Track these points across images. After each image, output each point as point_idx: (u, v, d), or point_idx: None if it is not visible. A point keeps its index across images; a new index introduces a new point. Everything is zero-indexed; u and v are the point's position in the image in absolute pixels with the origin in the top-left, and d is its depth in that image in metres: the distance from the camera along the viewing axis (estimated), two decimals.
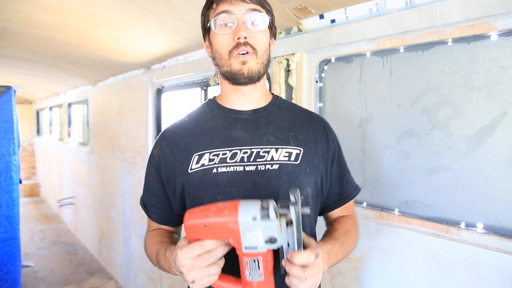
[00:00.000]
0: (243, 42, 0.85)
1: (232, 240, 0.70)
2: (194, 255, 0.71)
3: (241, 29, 0.85)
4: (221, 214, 0.69)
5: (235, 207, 0.69)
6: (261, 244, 0.69)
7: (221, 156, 0.88)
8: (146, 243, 0.98)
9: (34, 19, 2.20)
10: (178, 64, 2.52)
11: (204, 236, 0.71)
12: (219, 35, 0.87)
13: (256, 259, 0.71)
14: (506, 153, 1.08)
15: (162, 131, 0.99)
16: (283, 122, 0.95)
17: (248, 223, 0.68)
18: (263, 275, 0.72)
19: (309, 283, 0.71)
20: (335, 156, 0.98)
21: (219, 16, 0.86)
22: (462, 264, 1.13)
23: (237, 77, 0.88)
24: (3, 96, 2.67)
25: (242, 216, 0.68)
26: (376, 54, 1.40)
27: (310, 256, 0.70)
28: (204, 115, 0.98)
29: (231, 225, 0.68)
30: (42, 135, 7.82)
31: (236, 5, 0.85)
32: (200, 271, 0.71)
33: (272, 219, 0.67)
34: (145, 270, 3.03)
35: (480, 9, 1.04)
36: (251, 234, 0.68)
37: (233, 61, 0.87)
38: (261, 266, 0.72)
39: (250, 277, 0.73)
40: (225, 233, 0.70)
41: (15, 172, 2.72)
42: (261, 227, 0.68)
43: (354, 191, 1.02)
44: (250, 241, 0.69)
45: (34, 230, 5.46)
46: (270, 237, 0.68)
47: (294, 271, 0.69)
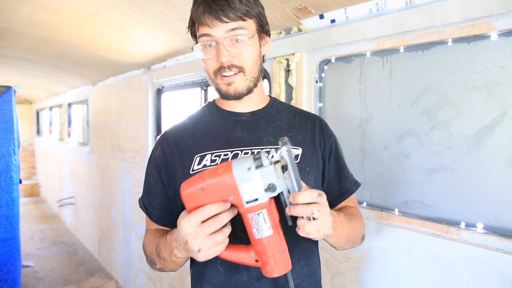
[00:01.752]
0: (226, 66, 0.85)
1: (232, 197, 0.68)
2: (198, 222, 0.69)
3: (222, 54, 0.84)
4: (216, 174, 0.68)
5: (228, 164, 0.68)
6: (261, 193, 0.68)
7: (222, 157, 0.89)
8: (145, 243, 0.97)
9: (34, 19, 2.20)
10: (178, 64, 2.52)
11: (204, 201, 0.69)
12: (204, 58, 0.88)
13: (260, 212, 0.69)
14: (506, 153, 1.08)
15: (163, 133, 1.00)
16: (281, 123, 0.97)
17: (244, 175, 0.67)
18: (271, 229, 0.70)
19: (317, 224, 0.69)
20: (331, 152, 0.99)
21: (200, 39, 0.86)
22: (462, 264, 1.13)
23: (226, 96, 0.90)
24: (3, 96, 2.67)
25: (237, 169, 0.67)
26: (376, 54, 1.40)
27: (313, 193, 0.68)
28: (205, 117, 1.00)
29: (227, 181, 0.67)
30: (42, 135, 7.82)
31: (214, 28, 0.83)
32: (205, 239, 0.69)
33: (266, 165, 0.67)
34: (145, 270, 3.03)
35: (480, 9, 1.04)
36: (249, 185, 0.67)
37: (219, 82, 0.89)
38: (267, 219, 0.70)
39: (259, 234, 0.71)
40: (224, 191, 0.68)
41: (15, 172, 2.72)
42: (258, 175, 0.67)
43: (353, 186, 1.01)
44: (249, 193, 0.68)
45: (34, 230, 5.46)
46: (268, 184, 0.67)
47: (299, 209, 0.68)
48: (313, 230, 0.69)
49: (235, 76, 0.87)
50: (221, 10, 0.81)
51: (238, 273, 0.86)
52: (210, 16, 0.82)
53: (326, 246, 1.51)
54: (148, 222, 1.01)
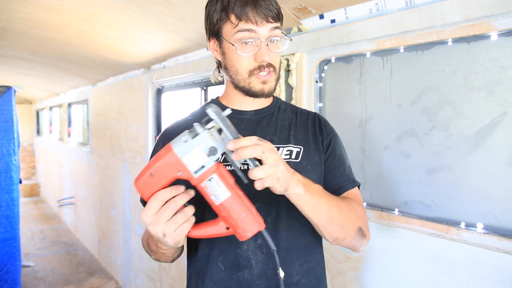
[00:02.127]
0: (265, 65, 0.85)
1: (180, 173, 0.69)
2: (155, 210, 0.69)
3: (265, 53, 0.84)
4: (158, 157, 0.70)
5: (167, 145, 0.70)
6: (205, 159, 0.68)
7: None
8: (143, 238, 0.99)
9: (34, 19, 2.20)
10: (178, 64, 2.52)
11: (156, 187, 0.71)
12: (239, 54, 0.85)
13: (211, 177, 0.70)
14: (506, 153, 1.08)
15: (165, 129, 1.00)
16: (284, 122, 0.97)
17: (183, 148, 0.68)
18: (227, 190, 0.70)
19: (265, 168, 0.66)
20: (329, 147, 0.98)
21: (241, 34, 0.83)
22: (462, 264, 1.13)
23: (257, 95, 0.89)
24: (3, 96, 2.67)
25: (175, 145, 0.69)
26: (376, 54, 1.40)
27: (251, 137, 0.67)
28: (207, 114, 0.99)
29: (170, 159, 0.69)
30: (42, 135, 7.82)
31: (260, 25, 0.82)
32: (166, 224, 0.70)
33: (200, 132, 0.68)
34: (145, 270, 3.03)
35: (480, 9, 1.04)
36: (191, 155, 0.68)
37: (253, 80, 0.87)
38: (220, 183, 0.70)
39: (218, 200, 0.71)
40: (170, 170, 0.69)
41: (15, 172, 2.72)
42: (196, 144, 0.68)
43: (349, 184, 0.97)
44: (194, 163, 0.69)
45: (34, 230, 5.46)
46: (208, 148, 0.68)
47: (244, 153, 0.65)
48: (263, 175, 0.67)
49: (270, 75, 0.87)
50: (268, 10, 0.82)
51: (239, 271, 0.86)
52: (258, 13, 0.81)
53: (326, 246, 1.51)
54: None
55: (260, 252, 0.86)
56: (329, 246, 1.51)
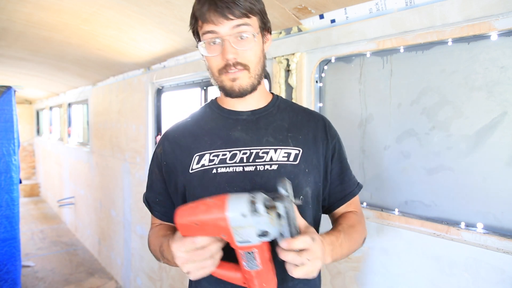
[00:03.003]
0: (232, 63, 0.84)
1: (224, 236, 0.70)
2: (187, 250, 0.71)
3: (228, 51, 0.83)
4: (210, 212, 0.68)
5: (222, 204, 0.67)
6: (254, 238, 0.68)
7: (221, 156, 0.89)
8: (150, 239, 1.00)
9: (34, 19, 2.19)
10: (178, 64, 2.52)
11: (197, 233, 0.71)
12: (208, 56, 0.87)
13: (251, 251, 0.71)
14: (506, 153, 1.08)
15: (165, 131, 1.01)
16: (283, 122, 0.96)
17: (237, 220, 0.66)
18: (260, 264, 0.72)
19: (306, 269, 0.70)
20: (335, 152, 0.98)
21: (205, 36, 0.85)
22: (462, 264, 1.13)
23: (230, 93, 0.89)
24: (3, 96, 2.67)
25: (231, 213, 0.66)
26: (376, 54, 1.40)
27: (306, 239, 0.68)
28: (205, 116, 1.00)
29: (221, 223, 0.67)
30: (42, 135, 7.82)
31: (219, 25, 0.82)
32: (194, 264, 0.72)
33: (261, 215, 0.66)
34: (145, 270, 3.03)
35: (480, 9, 1.04)
36: (242, 230, 0.67)
37: (223, 78, 0.88)
38: (257, 257, 0.71)
39: (248, 267, 0.73)
40: (216, 230, 0.69)
41: (15, 172, 2.72)
42: (252, 222, 0.66)
43: (356, 188, 1.01)
44: (242, 236, 0.68)
45: (34, 230, 5.46)
46: (262, 231, 0.67)
47: (289, 257, 0.69)
48: (301, 275, 0.70)
49: (240, 72, 0.86)
50: (227, 8, 0.81)
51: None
52: (215, 13, 0.81)
53: None
54: (152, 217, 1.05)
55: None
56: None
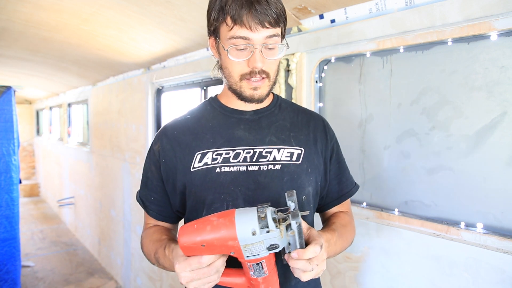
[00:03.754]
0: (258, 71, 0.83)
1: (233, 253, 0.70)
2: (193, 269, 0.71)
3: (258, 60, 0.81)
4: (218, 232, 0.66)
5: (231, 223, 0.66)
6: (263, 251, 0.69)
7: (224, 155, 0.89)
8: (143, 241, 0.97)
9: (34, 19, 2.19)
10: (178, 64, 2.52)
11: (202, 253, 0.69)
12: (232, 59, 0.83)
13: (259, 262, 0.71)
14: (506, 153, 1.08)
15: (163, 127, 0.98)
16: (284, 122, 0.96)
17: (248, 239, 0.66)
18: (267, 271, 0.73)
19: (314, 273, 0.71)
20: (333, 153, 0.99)
21: (235, 40, 0.80)
22: (462, 264, 1.13)
23: (247, 100, 0.88)
24: (3, 96, 2.67)
25: (241, 232, 0.65)
26: (376, 54, 1.40)
27: (316, 248, 0.69)
28: (206, 113, 0.98)
29: (230, 243, 0.66)
30: (42, 135, 7.82)
31: (255, 31, 0.78)
32: (200, 281, 0.72)
33: (272, 230, 0.66)
34: (145, 270, 3.03)
35: (480, 9, 1.04)
36: (252, 246, 0.67)
37: (244, 85, 0.86)
38: (265, 266, 0.72)
39: (255, 276, 0.73)
40: (225, 249, 0.69)
41: (15, 172, 2.72)
42: (262, 239, 0.66)
43: (353, 188, 1.02)
44: (251, 251, 0.68)
45: (34, 230, 5.46)
46: (271, 244, 0.68)
47: (299, 265, 0.69)
48: (310, 277, 0.72)
49: (262, 82, 0.85)
50: (265, 14, 0.78)
51: None
52: (254, 19, 0.77)
53: None
54: (146, 217, 1.01)
55: None
56: None
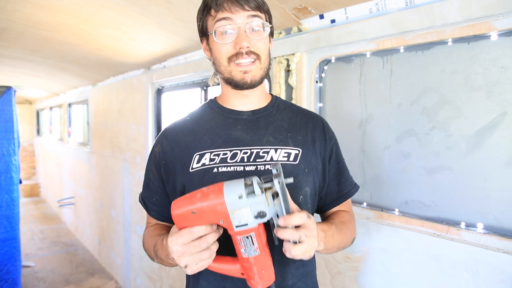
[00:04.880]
0: (245, 51, 0.85)
1: (222, 221, 0.71)
2: (184, 242, 0.71)
3: (243, 39, 0.84)
4: (207, 198, 0.69)
5: (219, 190, 0.69)
6: (251, 220, 0.70)
7: (221, 156, 0.89)
8: (144, 239, 0.99)
9: (34, 19, 2.19)
10: (178, 64, 2.52)
11: (194, 223, 0.71)
12: (219, 43, 0.86)
13: (249, 235, 0.71)
14: (506, 153, 1.08)
15: (163, 129, 1.00)
16: (282, 122, 0.96)
17: (235, 203, 0.68)
18: (258, 249, 0.73)
19: (303, 247, 0.71)
20: (332, 153, 0.99)
21: (219, 23, 0.85)
22: (462, 264, 1.13)
23: (240, 84, 0.89)
24: (3, 96, 2.67)
25: (228, 196, 0.68)
26: (376, 54, 1.40)
27: (302, 215, 0.70)
28: (205, 115, 0.99)
29: (218, 207, 0.69)
30: (42, 135, 7.82)
31: (236, 13, 0.84)
32: (191, 257, 0.72)
33: (257, 195, 0.68)
34: (145, 270, 3.03)
35: (480, 9, 1.04)
36: (240, 212, 0.69)
37: (233, 69, 0.88)
38: (255, 241, 0.72)
39: (246, 254, 0.74)
40: (214, 216, 0.70)
41: (15, 172, 2.72)
42: (248, 204, 0.68)
43: (353, 189, 1.02)
44: (239, 219, 0.69)
45: (34, 230, 5.46)
46: (258, 211, 0.69)
47: (287, 234, 0.69)
48: (299, 253, 0.71)
49: (252, 65, 0.87)
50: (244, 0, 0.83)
51: None
52: (233, 3, 0.83)
53: None
54: (148, 217, 1.04)
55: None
56: None
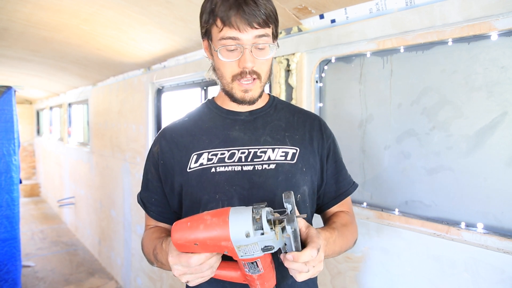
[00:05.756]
0: (248, 71, 0.84)
1: (226, 252, 0.68)
2: (187, 264, 0.70)
3: (248, 60, 0.82)
4: (210, 231, 0.65)
5: (225, 223, 0.64)
6: (258, 253, 0.67)
7: (219, 156, 0.90)
8: (143, 242, 0.98)
9: (34, 19, 2.19)
10: (178, 64, 2.52)
11: (196, 251, 0.68)
12: (222, 60, 0.84)
13: (254, 261, 0.70)
14: (506, 153, 1.08)
15: (162, 130, 1.00)
16: (280, 122, 0.97)
17: (241, 240, 0.64)
18: (262, 269, 0.72)
19: (310, 274, 0.71)
20: (330, 152, 0.99)
21: (224, 41, 0.82)
22: (462, 264, 1.13)
23: (239, 102, 0.89)
24: (3, 96, 2.67)
25: (235, 234, 0.64)
26: (376, 54, 1.40)
27: (312, 252, 0.68)
28: (203, 115, 0.99)
29: (223, 243, 0.65)
30: (42, 135, 7.82)
31: (243, 32, 0.80)
32: (192, 276, 0.72)
33: (266, 233, 0.64)
34: (145, 270, 3.03)
35: (480, 9, 1.04)
36: (246, 247, 0.66)
37: (235, 87, 0.87)
38: (260, 265, 0.71)
39: (250, 272, 0.73)
40: (218, 249, 0.67)
41: (15, 172, 2.72)
42: (256, 240, 0.65)
43: (351, 187, 1.01)
44: (245, 252, 0.67)
45: (34, 230, 5.46)
46: (266, 246, 0.66)
47: (295, 266, 0.69)
48: (304, 278, 0.71)
49: (252, 84, 0.86)
50: (253, 15, 0.79)
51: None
52: (242, 20, 0.79)
53: None
54: (146, 218, 1.02)
55: None
56: None
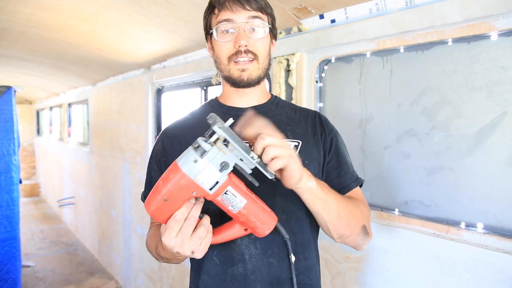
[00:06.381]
0: (243, 50, 0.88)
1: (195, 193, 0.70)
2: (176, 231, 0.71)
3: (242, 38, 0.88)
4: (168, 180, 0.69)
5: (175, 166, 0.69)
6: (218, 175, 0.69)
7: None
8: (148, 240, 1.00)
9: (34, 19, 2.19)
10: (178, 64, 2.52)
11: (172, 209, 0.71)
12: (220, 42, 0.90)
13: (226, 190, 0.71)
14: (506, 153, 1.08)
15: (164, 129, 1.02)
16: (281, 117, 0.98)
17: (194, 168, 0.67)
18: (243, 198, 0.73)
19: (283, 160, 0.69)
20: (332, 146, 0.98)
21: (220, 24, 0.89)
22: (462, 264, 1.13)
23: (237, 82, 0.92)
24: (3, 96, 2.67)
25: (185, 166, 0.67)
26: (376, 54, 1.40)
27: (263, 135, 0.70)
28: (206, 113, 0.99)
29: (182, 181, 0.68)
30: (42, 135, 7.82)
31: (237, 13, 0.88)
32: (191, 241, 0.72)
33: (209, 150, 0.68)
34: (145, 270, 3.03)
35: (480, 9, 1.04)
36: (204, 174, 0.68)
37: (232, 68, 0.91)
38: (236, 193, 0.72)
39: (235, 209, 0.73)
40: (184, 192, 0.69)
41: (15, 172, 2.72)
42: (207, 162, 0.67)
43: (353, 182, 0.99)
44: (208, 181, 0.69)
45: (34, 230, 5.46)
46: (220, 164, 0.68)
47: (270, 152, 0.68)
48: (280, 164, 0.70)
49: (249, 63, 0.90)
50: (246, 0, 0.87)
51: (233, 265, 0.87)
52: (235, 2, 0.87)
53: (326, 247, 1.51)
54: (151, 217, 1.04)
55: (253, 247, 0.87)
56: (329, 246, 1.51)
